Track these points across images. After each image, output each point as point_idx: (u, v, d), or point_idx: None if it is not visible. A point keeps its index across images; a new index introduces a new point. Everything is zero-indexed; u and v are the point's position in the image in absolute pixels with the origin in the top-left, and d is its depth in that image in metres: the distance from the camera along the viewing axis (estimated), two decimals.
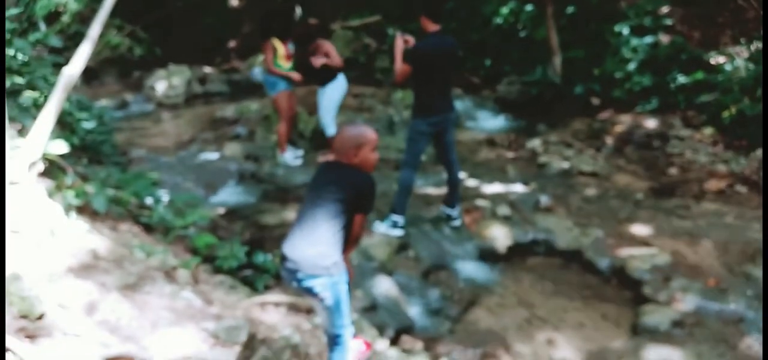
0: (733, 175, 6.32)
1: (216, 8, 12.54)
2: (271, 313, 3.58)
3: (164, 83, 9.88)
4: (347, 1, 11.83)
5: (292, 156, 6.58)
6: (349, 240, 2.92)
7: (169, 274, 3.59)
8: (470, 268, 4.87)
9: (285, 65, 6.32)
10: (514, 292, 4.64)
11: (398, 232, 4.91)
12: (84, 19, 11.34)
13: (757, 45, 7.97)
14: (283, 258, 2.90)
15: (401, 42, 4.74)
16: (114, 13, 4.42)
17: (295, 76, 6.30)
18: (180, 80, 10.00)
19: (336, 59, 6.34)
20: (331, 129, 6.51)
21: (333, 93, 6.40)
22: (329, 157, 6.81)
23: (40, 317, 2.76)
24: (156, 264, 3.61)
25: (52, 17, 11.68)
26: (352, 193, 2.85)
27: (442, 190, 5.41)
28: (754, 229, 5.17)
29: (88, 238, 3.59)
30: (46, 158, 3.90)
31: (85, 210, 3.87)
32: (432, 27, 4.65)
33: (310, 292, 2.87)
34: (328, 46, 6.39)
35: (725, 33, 8.68)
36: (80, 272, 3.21)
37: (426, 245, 4.94)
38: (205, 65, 11.31)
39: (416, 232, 5.05)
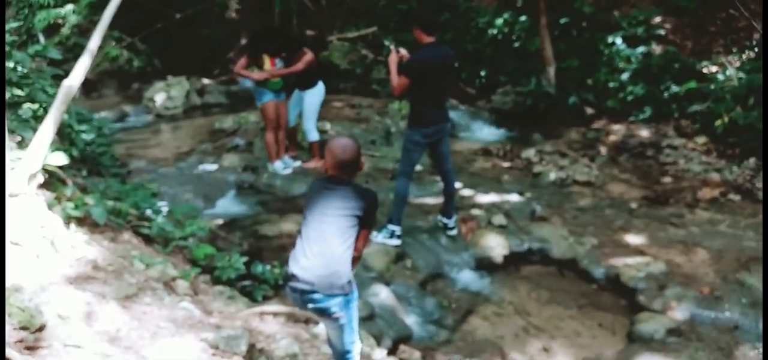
0: (726, 183, 6.38)
1: (214, 20, 12.61)
2: (269, 323, 3.61)
3: (163, 95, 9.93)
4: (344, 12, 11.91)
5: (281, 165, 6.62)
6: (355, 256, 2.90)
7: (169, 285, 3.62)
8: (467, 278, 4.91)
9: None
10: (510, 301, 4.68)
11: (396, 242, 4.95)
12: (83, 31, 11.42)
13: (749, 54, 8.07)
14: (292, 278, 2.82)
15: (395, 56, 4.79)
16: (113, 25, 4.48)
17: (258, 75, 6.30)
18: (179, 92, 10.06)
19: (297, 68, 6.40)
20: (313, 134, 6.69)
21: (313, 98, 6.56)
22: (311, 164, 6.88)
23: (41, 328, 2.78)
24: (155, 275, 3.63)
25: (52, 29, 11.76)
26: (363, 210, 2.83)
27: (439, 200, 5.46)
28: (747, 238, 5.22)
29: (87, 249, 3.62)
30: (45, 170, 3.94)
31: (84, 221, 3.90)
32: (427, 39, 4.70)
33: (325, 312, 2.82)
34: (309, 55, 6.48)
35: (717, 42, 8.77)
36: (80, 283, 3.24)
37: (423, 255, 4.97)
38: (204, 77, 11.37)
39: (413, 241, 5.09)
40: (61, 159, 3.99)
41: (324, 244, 2.78)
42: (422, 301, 4.54)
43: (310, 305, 2.82)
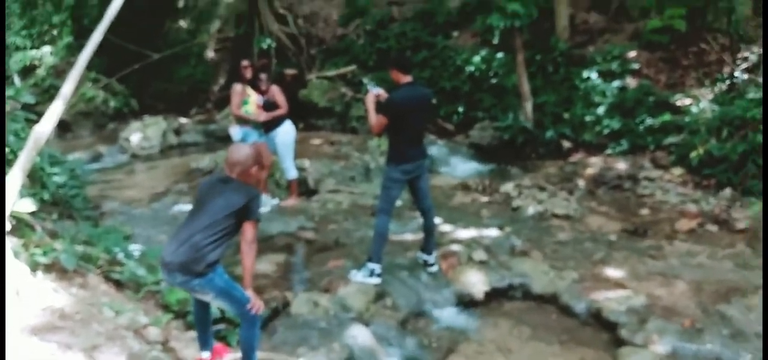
0: (703, 214, 6.43)
1: (193, 60, 12.62)
2: None
3: (139, 134, 9.84)
4: (323, 51, 12.00)
5: None
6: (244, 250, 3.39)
7: (139, 333, 3.51)
8: (448, 315, 4.84)
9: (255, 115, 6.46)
10: (492, 338, 4.61)
11: (376, 280, 4.88)
12: (59, 72, 11.32)
13: (720, 86, 8.25)
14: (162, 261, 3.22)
15: (372, 96, 4.83)
16: (89, 66, 4.43)
17: (262, 116, 6.44)
18: (155, 131, 9.98)
19: (283, 107, 6.60)
20: (291, 173, 6.82)
21: (283, 138, 6.66)
22: (289, 202, 7.06)
23: None
24: (125, 322, 3.52)
25: (28, 70, 11.64)
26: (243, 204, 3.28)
27: (419, 236, 5.41)
28: (726, 268, 5.24)
29: (54, 298, 3.51)
30: (13, 216, 3.83)
31: (52, 268, 3.79)
32: (403, 78, 4.75)
33: (193, 290, 3.31)
34: (276, 92, 6.61)
35: (690, 76, 8.97)
36: (44, 334, 3.12)
37: (403, 293, 4.90)
38: (181, 116, 11.31)
39: (393, 279, 5.01)
40: (29, 206, 3.89)
41: (191, 232, 3.14)
42: (402, 340, 4.45)
43: (177, 284, 3.22)
